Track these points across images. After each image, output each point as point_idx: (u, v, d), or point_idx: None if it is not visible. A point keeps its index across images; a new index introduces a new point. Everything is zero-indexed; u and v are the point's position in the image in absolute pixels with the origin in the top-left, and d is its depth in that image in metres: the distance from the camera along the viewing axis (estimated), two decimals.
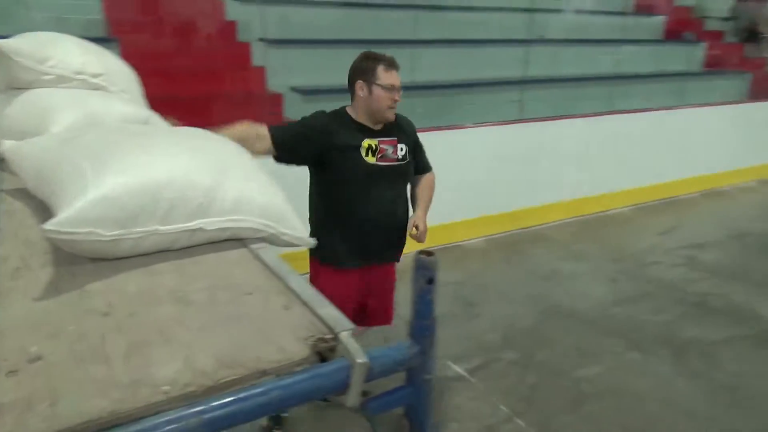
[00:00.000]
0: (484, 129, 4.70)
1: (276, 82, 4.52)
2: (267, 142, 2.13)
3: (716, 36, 8.70)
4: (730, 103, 6.94)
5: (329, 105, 2.36)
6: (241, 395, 0.78)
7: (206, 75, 4.40)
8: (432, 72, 5.41)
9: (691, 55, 7.86)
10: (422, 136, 2.48)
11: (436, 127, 4.40)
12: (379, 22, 5.43)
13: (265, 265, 1.14)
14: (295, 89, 4.57)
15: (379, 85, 2.18)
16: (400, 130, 2.34)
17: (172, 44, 4.42)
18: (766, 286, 4.17)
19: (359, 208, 2.25)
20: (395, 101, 2.22)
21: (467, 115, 5.02)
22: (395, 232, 2.36)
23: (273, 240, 1.28)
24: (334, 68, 5.06)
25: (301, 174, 2.31)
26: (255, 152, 1.77)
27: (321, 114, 2.27)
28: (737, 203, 6.18)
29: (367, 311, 2.46)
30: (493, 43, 5.93)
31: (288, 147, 2.18)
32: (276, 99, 4.45)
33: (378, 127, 2.27)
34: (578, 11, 7.18)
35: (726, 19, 9.22)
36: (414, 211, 2.39)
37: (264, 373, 0.82)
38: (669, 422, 2.74)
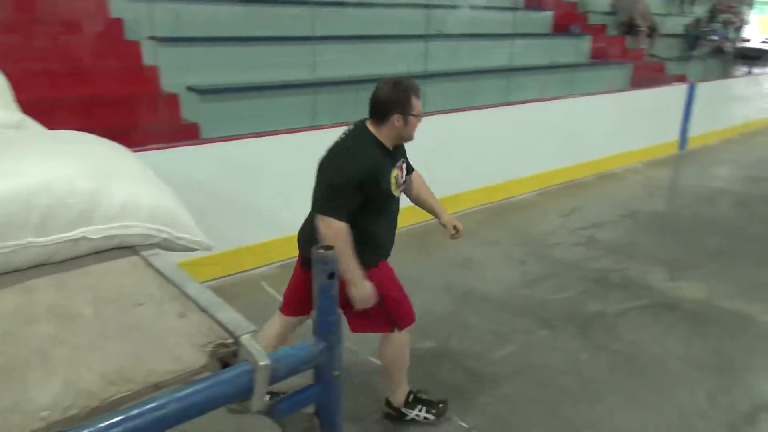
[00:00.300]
0: None
1: (171, 82, 4.31)
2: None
3: (600, 29, 9.29)
4: (615, 91, 7.43)
5: (229, 105, 2.28)
6: (133, 413, 0.72)
7: (90, 76, 4.13)
8: (335, 68, 5.38)
9: (578, 48, 8.34)
10: (329, 133, 2.45)
11: (341, 123, 4.37)
12: (277, 19, 5.33)
13: (159, 273, 1.06)
14: (191, 89, 4.39)
15: (414, 115, 2.30)
16: (402, 145, 2.47)
17: (50, 44, 4.09)
18: (656, 260, 4.50)
19: (382, 233, 2.45)
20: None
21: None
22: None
23: (168, 245, 1.20)
24: (233, 66, 4.98)
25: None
26: None
27: (360, 156, 2.23)
28: (627, 184, 6.63)
29: None
30: (393, 38, 6.00)
31: (351, 212, 2.21)
32: (171, 99, 4.25)
33: (392, 147, 2.36)
34: (473, 7, 7.41)
35: (607, 13, 9.86)
36: (437, 215, 2.65)
37: (157, 386, 0.76)
38: (578, 392, 2.88)
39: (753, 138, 9.30)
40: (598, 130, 6.77)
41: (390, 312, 2.48)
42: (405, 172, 2.48)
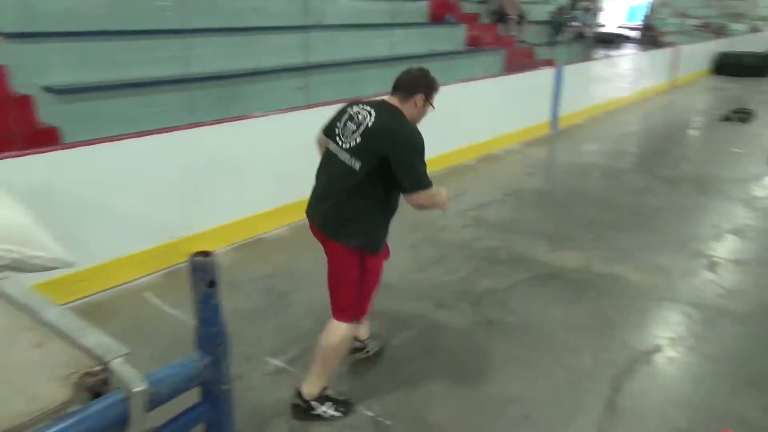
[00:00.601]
0: (275, 117, 4.60)
1: (23, 82, 3.90)
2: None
3: (473, 18, 9.68)
4: (491, 76, 7.76)
5: (94, 105, 2.09)
6: None
7: None
8: (211, 63, 5.15)
9: (454, 36, 8.63)
10: (211, 130, 2.33)
11: (223, 119, 4.20)
12: (143, 11, 4.99)
13: (9, 299, 0.93)
14: (48, 89, 4.00)
15: (431, 105, 2.53)
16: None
17: None
18: (539, 234, 4.77)
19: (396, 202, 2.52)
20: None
21: (255, 105, 4.88)
22: None
23: (20, 266, 1.07)
24: (96, 63, 4.60)
25: None
26: None
27: (414, 126, 2.48)
28: (508, 165, 6.97)
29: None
30: (272, 30, 5.84)
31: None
32: (24, 102, 3.85)
33: None
34: None
35: (480, 2, 10.28)
36: None
37: None
38: (477, 367, 2.99)
39: (615, 115, 10.13)
40: (478, 115, 7.04)
41: (360, 300, 2.50)
42: None
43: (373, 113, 2.40)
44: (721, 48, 16.46)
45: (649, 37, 14.24)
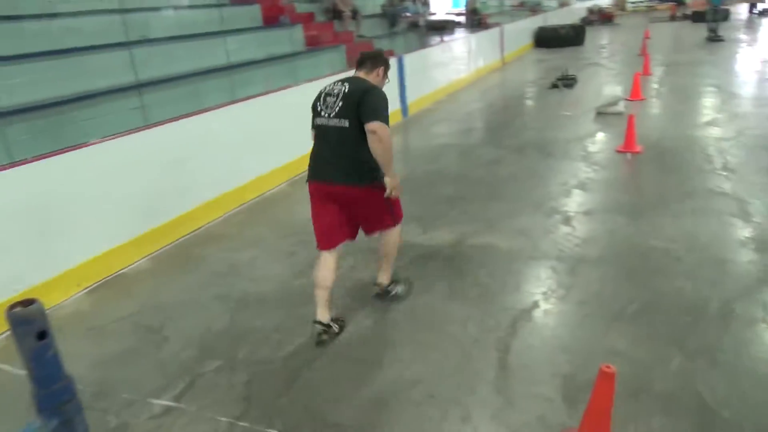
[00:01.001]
0: (113, 142, 4.20)
1: None
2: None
3: (308, 18, 9.64)
4: (336, 73, 7.77)
5: None
6: None
7: None
8: (24, 93, 4.60)
9: (292, 37, 8.52)
10: (38, 167, 2.03)
11: (51, 152, 3.75)
12: None
13: None
14: None
15: (387, 74, 3.29)
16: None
17: None
18: (408, 218, 4.81)
19: None
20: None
21: (89, 132, 4.45)
22: None
23: None
24: None
25: None
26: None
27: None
28: None
29: None
30: (90, 50, 5.34)
31: None
32: None
33: None
34: (176, 7, 7.02)
35: (312, 1, 10.26)
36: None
37: None
38: (375, 358, 2.97)
39: (458, 96, 10.66)
40: None
41: (394, 211, 3.32)
42: None
43: (346, 84, 3.05)
44: (539, 23, 18.04)
45: (476, 20, 15.19)
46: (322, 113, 3.06)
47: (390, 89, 9.23)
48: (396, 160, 7.22)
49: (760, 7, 21.91)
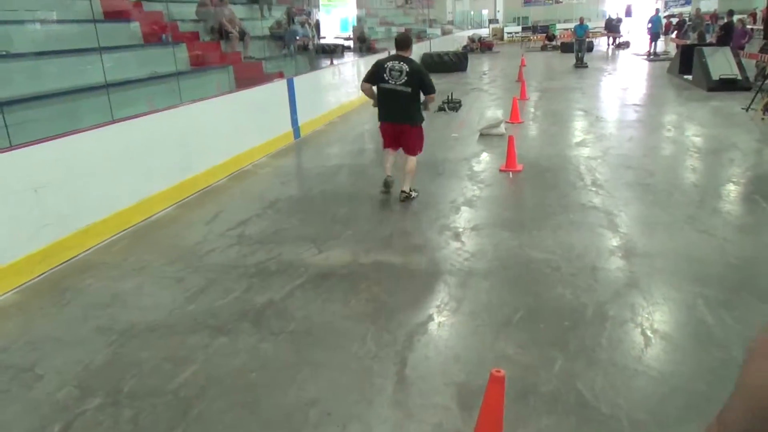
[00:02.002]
0: None
1: None
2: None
3: (193, 37, 9.36)
4: (224, 93, 7.62)
5: None
6: None
7: None
8: None
9: (176, 56, 8.22)
10: None
11: None
12: None
13: None
14: None
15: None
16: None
17: None
18: (303, 239, 4.82)
19: None
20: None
21: None
22: None
23: None
24: None
25: None
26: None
27: None
28: (260, 178, 6.92)
29: None
30: None
31: None
32: None
33: None
34: (42, 21, 6.56)
35: (196, 21, 9.99)
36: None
37: None
38: (271, 382, 2.89)
39: (349, 117, 10.82)
40: (220, 133, 6.86)
41: (419, 145, 5.69)
42: None
43: (404, 63, 5.32)
44: (424, 49, 18.83)
45: (364, 45, 15.54)
46: (389, 81, 5.33)
47: (281, 111, 9.21)
48: (291, 182, 7.22)
49: (618, 40, 24.38)
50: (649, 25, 20.15)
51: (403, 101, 5.36)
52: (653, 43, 19.98)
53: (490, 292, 3.79)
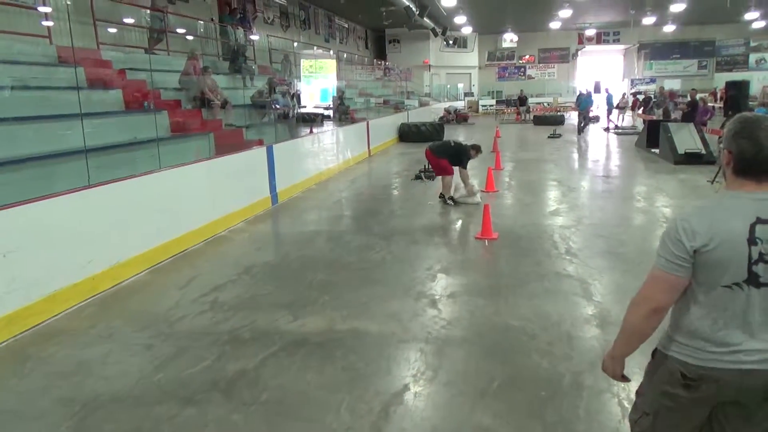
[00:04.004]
0: None
1: None
2: None
3: (175, 104, 9.53)
4: (204, 159, 7.68)
5: None
6: None
7: None
8: None
9: (157, 123, 8.32)
10: None
11: None
12: None
13: None
14: None
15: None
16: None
17: None
18: (278, 306, 4.76)
19: None
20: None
21: None
22: None
23: None
24: None
25: None
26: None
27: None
28: (236, 244, 6.88)
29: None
30: None
31: None
32: None
33: None
34: (26, 87, 6.65)
35: (178, 89, 10.20)
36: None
37: None
38: None
39: (327, 185, 10.93)
40: (197, 199, 6.87)
41: (449, 171, 8.52)
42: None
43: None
44: (402, 120, 19.38)
45: (344, 114, 15.95)
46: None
47: (259, 177, 9.27)
48: (267, 247, 7.22)
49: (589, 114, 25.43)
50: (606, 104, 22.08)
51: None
52: (609, 118, 21.46)
53: (467, 361, 3.75)
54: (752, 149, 1.69)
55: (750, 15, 24.69)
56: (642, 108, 22.05)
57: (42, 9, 9.47)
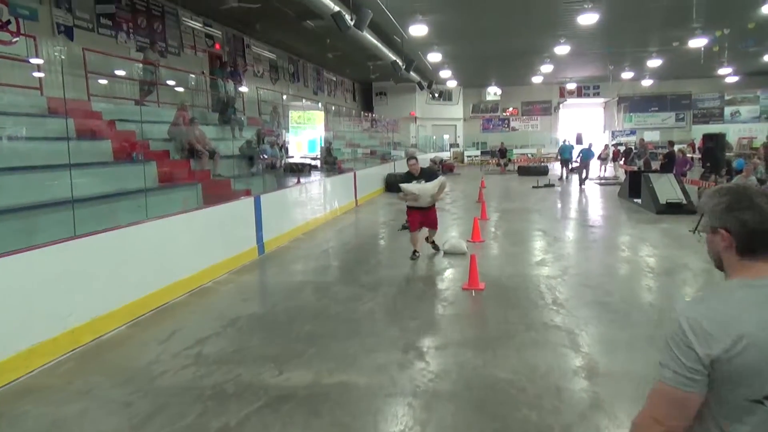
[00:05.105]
0: None
1: None
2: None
3: (164, 155, 9.60)
4: (190, 210, 7.67)
5: None
6: None
7: None
8: None
9: (145, 173, 8.35)
10: None
11: None
12: None
13: None
14: None
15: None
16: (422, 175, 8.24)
17: None
18: (264, 359, 4.67)
19: None
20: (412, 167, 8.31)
21: None
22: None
23: None
24: None
25: None
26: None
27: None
28: (221, 295, 6.80)
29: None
30: None
31: None
32: None
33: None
34: (11, 138, 6.68)
35: (167, 140, 10.29)
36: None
37: None
38: None
39: (315, 234, 10.92)
40: (182, 249, 6.82)
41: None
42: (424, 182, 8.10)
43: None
44: (389, 170, 19.58)
45: (331, 164, 16.11)
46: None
47: (246, 227, 9.26)
48: (253, 298, 7.14)
49: (571, 165, 25.91)
50: (578, 156, 20.86)
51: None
52: (584, 170, 20.24)
53: (456, 415, 3.68)
54: (757, 219, 1.40)
55: (723, 70, 25.67)
56: (623, 159, 22.54)
57: (34, 61, 9.61)
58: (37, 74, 9.46)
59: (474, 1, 14.72)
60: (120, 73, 11.78)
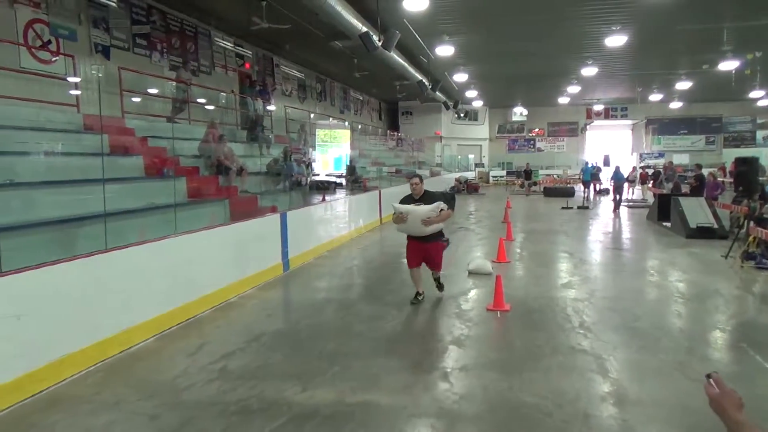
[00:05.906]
0: None
1: None
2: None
3: (193, 171, 9.78)
4: (218, 226, 7.77)
5: None
6: None
7: None
8: None
9: (175, 189, 8.52)
10: None
11: None
12: None
13: None
14: None
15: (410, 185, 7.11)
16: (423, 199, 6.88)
17: None
18: (288, 375, 4.68)
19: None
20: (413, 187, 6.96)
21: None
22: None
23: None
24: None
25: None
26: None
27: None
28: (246, 310, 6.85)
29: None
30: None
31: None
32: None
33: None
34: (48, 153, 6.88)
35: (197, 156, 10.49)
36: None
37: None
38: None
39: (339, 252, 10.96)
40: (208, 264, 6.90)
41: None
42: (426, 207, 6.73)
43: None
44: None
45: (356, 183, 16.20)
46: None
47: (272, 244, 9.35)
48: (277, 315, 7.17)
49: (599, 187, 25.64)
50: (611, 179, 20.21)
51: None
52: (617, 195, 19.10)
53: None
54: None
55: (755, 93, 25.23)
56: (652, 182, 22.22)
57: (72, 79, 9.93)
58: (74, 92, 9.77)
59: (500, 24, 14.79)
60: (153, 91, 12.10)
